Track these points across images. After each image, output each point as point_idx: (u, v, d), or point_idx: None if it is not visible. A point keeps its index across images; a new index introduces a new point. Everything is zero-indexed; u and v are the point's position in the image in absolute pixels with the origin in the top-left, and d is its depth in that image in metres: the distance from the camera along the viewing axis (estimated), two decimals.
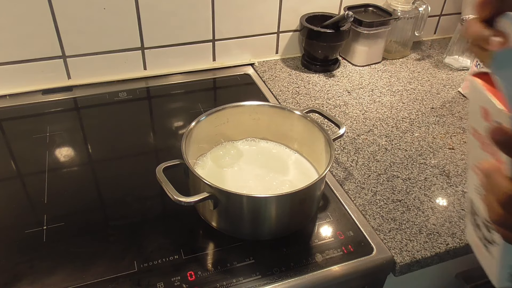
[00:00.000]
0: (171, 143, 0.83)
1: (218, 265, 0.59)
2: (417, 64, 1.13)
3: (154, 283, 0.56)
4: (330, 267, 0.60)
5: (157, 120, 0.91)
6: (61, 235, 0.63)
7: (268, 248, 0.62)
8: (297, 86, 1.00)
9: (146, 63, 1.00)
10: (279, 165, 0.72)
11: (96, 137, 0.84)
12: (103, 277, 0.57)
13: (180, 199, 0.56)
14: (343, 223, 0.67)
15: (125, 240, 0.63)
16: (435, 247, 0.64)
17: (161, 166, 0.60)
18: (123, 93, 0.95)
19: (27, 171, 0.75)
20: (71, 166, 0.77)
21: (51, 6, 0.86)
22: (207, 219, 0.64)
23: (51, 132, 0.83)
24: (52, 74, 0.94)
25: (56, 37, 0.89)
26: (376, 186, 0.74)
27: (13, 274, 0.57)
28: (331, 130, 0.84)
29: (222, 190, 0.57)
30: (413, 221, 0.68)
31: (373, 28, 1.04)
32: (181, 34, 0.98)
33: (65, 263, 0.59)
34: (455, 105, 0.97)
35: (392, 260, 0.62)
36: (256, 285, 0.57)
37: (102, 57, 0.95)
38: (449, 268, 0.75)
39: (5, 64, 0.89)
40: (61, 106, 0.91)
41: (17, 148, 0.80)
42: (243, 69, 1.06)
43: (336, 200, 0.71)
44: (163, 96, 0.97)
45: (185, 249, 0.61)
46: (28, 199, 0.70)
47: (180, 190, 0.57)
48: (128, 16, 0.92)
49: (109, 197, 0.71)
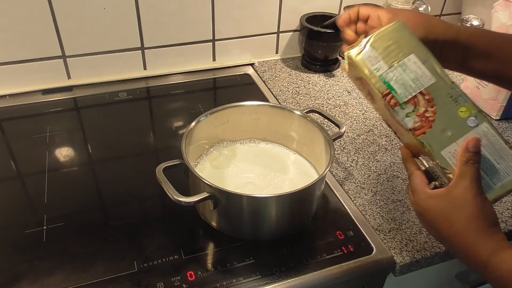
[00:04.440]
0: (171, 143, 0.83)
1: (218, 265, 0.59)
2: None
3: (154, 283, 0.56)
4: (330, 267, 0.60)
5: (157, 120, 0.91)
6: (61, 235, 0.63)
7: (268, 248, 0.62)
8: (297, 86, 1.00)
9: (146, 63, 1.00)
10: (279, 165, 0.72)
11: (96, 137, 0.84)
12: (103, 277, 0.57)
13: (180, 199, 0.56)
14: (343, 223, 0.67)
15: (125, 240, 0.63)
16: (435, 247, 0.64)
17: (161, 166, 0.60)
18: (123, 93, 0.95)
19: (27, 171, 0.75)
20: (71, 166, 0.77)
21: (51, 6, 0.86)
22: (207, 219, 0.64)
23: (51, 132, 0.83)
24: (52, 74, 0.94)
25: (56, 37, 0.89)
26: (376, 186, 0.74)
27: (13, 274, 0.57)
28: (331, 130, 0.84)
29: (222, 190, 0.57)
30: (413, 221, 0.68)
31: None
32: (181, 34, 0.98)
33: (65, 263, 0.59)
34: None
35: (392, 260, 0.62)
36: (256, 285, 0.57)
37: (102, 57, 0.95)
38: (449, 268, 0.75)
39: (5, 64, 0.89)
40: (61, 106, 0.91)
41: (17, 148, 0.80)
42: (243, 69, 1.06)
43: (336, 200, 0.71)
44: (163, 96, 0.97)
45: (185, 249, 0.61)
46: (28, 199, 0.70)
47: (180, 190, 0.57)
48: (128, 16, 0.92)
49: (109, 197, 0.71)
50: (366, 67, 0.49)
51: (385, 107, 0.50)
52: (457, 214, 0.46)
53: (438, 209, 0.48)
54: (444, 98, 0.48)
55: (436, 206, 0.48)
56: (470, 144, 0.46)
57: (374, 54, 0.49)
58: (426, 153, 0.49)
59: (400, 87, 0.48)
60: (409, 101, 0.48)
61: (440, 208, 0.47)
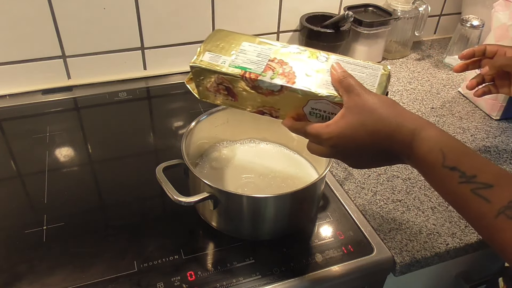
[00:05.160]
0: (171, 143, 0.83)
1: (218, 265, 0.59)
2: (417, 64, 1.13)
3: (154, 283, 0.56)
4: (330, 267, 0.60)
5: (157, 120, 0.91)
6: (61, 235, 0.63)
7: (268, 248, 0.62)
8: None
9: (146, 63, 1.00)
10: (279, 165, 0.72)
11: (96, 137, 0.84)
12: (103, 277, 0.57)
13: (180, 199, 0.56)
14: (343, 223, 0.67)
15: (125, 240, 0.63)
16: (435, 247, 0.64)
17: (161, 166, 0.60)
18: (123, 93, 0.95)
19: (27, 171, 0.75)
20: (71, 166, 0.77)
21: (51, 6, 0.86)
22: (207, 219, 0.64)
23: (51, 132, 0.83)
24: (52, 74, 0.94)
25: (56, 37, 0.89)
26: (376, 186, 0.74)
27: (13, 274, 0.57)
28: None
29: (222, 190, 0.57)
30: (413, 221, 0.68)
31: (373, 28, 1.03)
32: (181, 34, 0.98)
33: (65, 263, 0.59)
34: (455, 105, 0.97)
35: (392, 260, 0.62)
36: (256, 285, 0.57)
37: (102, 57, 0.95)
38: (449, 268, 0.75)
39: (5, 64, 0.89)
40: (61, 106, 0.91)
41: (17, 148, 0.80)
42: None
43: (336, 200, 0.71)
44: (163, 96, 0.97)
45: (185, 249, 0.61)
46: (28, 199, 0.70)
47: (180, 190, 0.57)
48: (128, 16, 0.92)
49: (109, 197, 0.71)
50: (215, 65, 0.53)
51: (249, 87, 0.53)
52: (370, 115, 0.46)
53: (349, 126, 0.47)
54: (289, 55, 0.54)
55: (344, 126, 0.47)
56: (335, 67, 0.51)
57: (213, 55, 0.54)
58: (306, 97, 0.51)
59: (251, 64, 0.53)
60: (265, 69, 0.52)
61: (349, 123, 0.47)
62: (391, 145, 0.46)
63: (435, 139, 0.44)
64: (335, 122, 0.48)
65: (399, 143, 0.46)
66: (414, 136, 0.45)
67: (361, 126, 0.47)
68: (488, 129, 0.90)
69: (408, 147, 0.45)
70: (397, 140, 0.46)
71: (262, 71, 0.52)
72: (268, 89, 0.52)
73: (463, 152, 0.44)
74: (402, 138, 0.45)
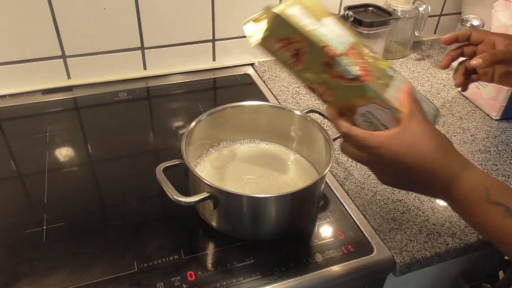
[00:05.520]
0: (171, 143, 0.83)
1: (218, 265, 0.59)
2: (417, 64, 1.13)
3: (154, 283, 0.56)
4: (330, 267, 0.60)
5: (157, 120, 0.91)
6: (61, 235, 0.63)
7: (268, 248, 0.62)
8: (297, 86, 1.00)
9: (146, 63, 1.00)
10: (279, 165, 0.72)
11: (96, 137, 0.84)
12: (103, 277, 0.57)
13: (180, 199, 0.56)
14: (343, 223, 0.67)
15: (125, 240, 0.63)
16: (435, 247, 0.64)
17: (161, 166, 0.60)
18: (123, 93, 0.95)
19: (27, 171, 0.75)
20: (71, 166, 0.77)
21: (51, 6, 0.86)
22: (207, 219, 0.64)
23: (51, 132, 0.83)
24: (52, 74, 0.94)
25: (56, 37, 0.89)
26: (376, 186, 0.74)
27: (13, 274, 0.57)
28: (331, 130, 0.84)
29: (222, 190, 0.57)
30: (413, 221, 0.68)
31: (373, 28, 1.03)
32: (181, 34, 0.98)
33: (65, 263, 0.59)
34: (455, 105, 0.97)
35: (392, 260, 0.62)
36: (256, 285, 0.57)
37: (102, 57, 0.95)
38: (449, 268, 0.75)
39: (5, 64, 0.89)
40: (61, 106, 0.91)
41: (17, 148, 0.80)
42: (243, 69, 1.06)
43: (336, 200, 0.71)
44: (163, 96, 0.97)
45: (185, 249, 0.61)
46: (28, 199, 0.70)
47: (180, 190, 0.57)
48: (128, 16, 0.92)
49: (109, 197, 0.71)
50: (299, 22, 0.49)
51: (322, 61, 0.49)
52: (421, 144, 0.47)
53: (398, 145, 0.48)
54: (365, 54, 0.52)
55: (394, 143, 0.48)
56: (410, 87, 0.52)
57: (301, 12, 0.50)
58: (372, 99, 0.49)
59: (333, 40, 0.49)
60: (344, 53, 0.49)
61: (400, 143, 0.48)
62: (431, 179, 0.48)
63: (479, 178, 0.47)
64: (387, 137, 0.49)
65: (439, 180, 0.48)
66: (458, 175, 0.47)
67: (413, 149, 0.47)
68: (488, 129, 0.90)
69: (447, 187, 0.47)
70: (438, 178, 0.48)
71: (341, 52, 0.49)
72: (341, 73, 0.49)
73: (506, 189, 0.46)
74: (443, 178, 0.47)
